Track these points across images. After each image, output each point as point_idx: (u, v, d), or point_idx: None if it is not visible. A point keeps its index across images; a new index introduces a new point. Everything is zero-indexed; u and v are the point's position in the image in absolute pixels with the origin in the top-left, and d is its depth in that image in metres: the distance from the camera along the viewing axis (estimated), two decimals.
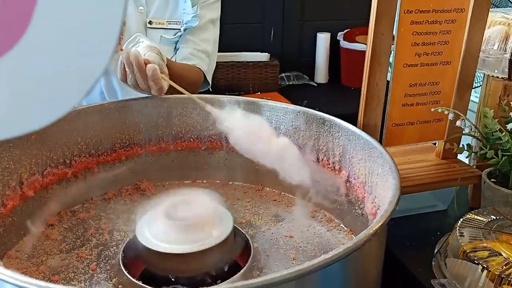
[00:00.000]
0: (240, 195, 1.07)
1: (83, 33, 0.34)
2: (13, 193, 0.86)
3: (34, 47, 0.35)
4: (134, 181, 1.08)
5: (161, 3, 1.30)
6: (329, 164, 0.97)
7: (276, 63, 2.55)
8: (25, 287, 0.50)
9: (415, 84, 0.90)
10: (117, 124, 1.03)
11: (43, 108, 0.38)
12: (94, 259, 0.85)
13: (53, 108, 0.38)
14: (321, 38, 2.73)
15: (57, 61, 0.36)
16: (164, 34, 1.27)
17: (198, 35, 1.29)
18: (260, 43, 2.71)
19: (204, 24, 1.31)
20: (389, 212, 0.61)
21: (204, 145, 1.10)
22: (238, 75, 2.46)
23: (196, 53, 1.28)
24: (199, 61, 1.28)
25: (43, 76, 0.37)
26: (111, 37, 0.34)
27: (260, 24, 2.73)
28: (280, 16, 2.73)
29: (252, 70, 2.49)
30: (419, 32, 0.87)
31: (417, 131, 0.94)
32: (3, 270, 0.51)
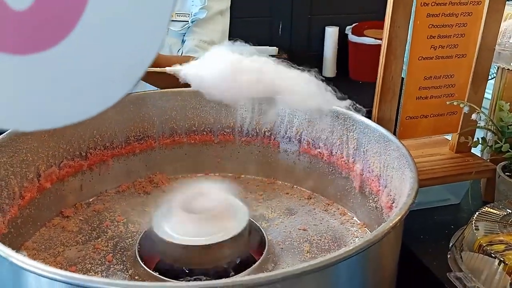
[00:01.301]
0: (252, 188, 1.07)
1: (134, 23, 0.35)
2: (30, 185, 0.87)
3: (86, 38, 0.35)
4: (147, 174, 1.09)
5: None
6: (343, 157, 0.97)
7: (285, 57, 2.54)
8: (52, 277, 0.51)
9: (430, 77, 0.90)
10: (131, 117, 1.03)
11: (94, 98, 0.39)
12: (110, 251, 0.86)
13: (104, 98, 0.38)
14: (330, 32, 2.72)
15: (109, 51, 0.36)
16: (171, 26, 1.26)
17: (205, 27, 1.29)
18: (268, 37, 2.71)
19: (212, 15, 1.31)
20: (408, 205, 0.61)
21: (217, 138, 1.10)
22: None
23: (201, 44, 1.27)
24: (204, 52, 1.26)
25: (94, 65, 0.37)
26: (160, 26, 0.34)
27: (268, 18, 2.73)
28: (288, 10, 2.73)
29: None
30: (435, 25, 0.87)
31: (431, 124, 0.94)
32: (29, 261, 0.52)
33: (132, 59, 0.36)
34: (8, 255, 0.54)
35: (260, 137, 1.09)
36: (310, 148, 1.03)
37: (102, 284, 0.50)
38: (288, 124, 1.05)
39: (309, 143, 1.03)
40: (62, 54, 0.36)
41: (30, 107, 0.40)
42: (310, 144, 1.03)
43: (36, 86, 0.39)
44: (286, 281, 0.53)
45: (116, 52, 0.36)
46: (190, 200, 0.83)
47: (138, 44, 0.36)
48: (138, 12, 0.35)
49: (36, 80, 0.39)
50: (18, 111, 0.40)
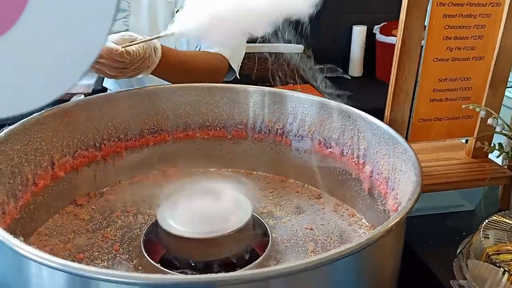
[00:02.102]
0: (263, 185, 1.08)
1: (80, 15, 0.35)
2: (44, 173, 0.89)
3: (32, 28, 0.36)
4: (161, 167, 1.10)
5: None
6: (353, 158, 0.96)
7: (309, 55, 2.52)
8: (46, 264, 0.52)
9: (445, 79, 0.88)
10: (146, 110, 1.05)
11: (41, 89, 0.40)
12: (118, 240, 0.88)
13: (50, 89, 0.39)
14: (357, 31, 2.69)
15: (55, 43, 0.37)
16: None
17: None
18: (295, 34, 2.70)
19: None
20: (406, 209, 0.60)
21: (230, 134, 1.11)
22: (270, 66, 2.46)
23: None
24: (222, 48, 1.26)
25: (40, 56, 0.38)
26: (107, 19, 0.35)
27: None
28: (316, 7, 2.70)
29: (285, 61, 2.47)
30: (451, 26, 0.85)
31: (445, 128, 0.92)
32: (24, 246, 0.54)
33: (77, 53, 0.37)
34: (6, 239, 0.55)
35: (273, 135, 1.09)
36: (321, 147, 1.03)
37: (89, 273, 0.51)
38: (301, 123, 1.04)
39: (321, 142, 1.02)
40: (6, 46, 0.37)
41: None
42: (322, 144, 1.02)
43: None
44: (278, 278, 0.54)
45: (61, 45, 0.37)
46: (195, 193, 0.84)
47: (83, 37, 0.37)
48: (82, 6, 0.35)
49: None
50: None
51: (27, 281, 0.58)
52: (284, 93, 1.05)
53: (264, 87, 1.08)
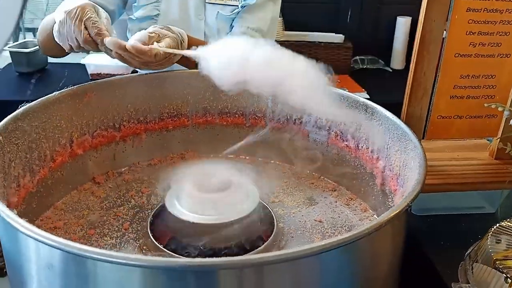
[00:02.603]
0: (278, 174, 1.07)
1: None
2: (62, 150, 0.93)
3: None
4: (180, 150, 1.12)
5: None
6: (368, 152, 0.94)
7: (349, 46, 2.48)
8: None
9: (467, 75, 0.84)
10: (166, 94, 1.07)
11: None
12: (128, 219, 0.90)
13: None
14: (401, 22, 2.61)
15: None
16: (221, 10, 1.27)
17: (254, 13, 1.27)
18: (335, 24, 2.65)
19: (263, 1, 1.29)
20: (399, 208, 0.58)
21: (248, 121, 1.11)
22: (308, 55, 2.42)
23: (249, 31, 1.25)
24: None
25: None
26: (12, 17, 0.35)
27: (337, 4, 2.66)
28: None
29: (324, 51, 2.44)
30: (475, 21, 0.81)
31: (466, 126, 0.89)
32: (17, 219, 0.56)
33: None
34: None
35: (291, 124, 1.08)
36: (338, 140, 1.01)
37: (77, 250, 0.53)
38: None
39: (337, 134, 1.01)
40: None
41: None
42: (338, 136, 1.01)
43: None
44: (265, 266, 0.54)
45: None
46: (204, 179, 0.85)
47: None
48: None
49: None
50: None
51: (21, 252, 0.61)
52: None
53: None
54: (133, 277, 0.57)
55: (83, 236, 0.85)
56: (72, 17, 0.92)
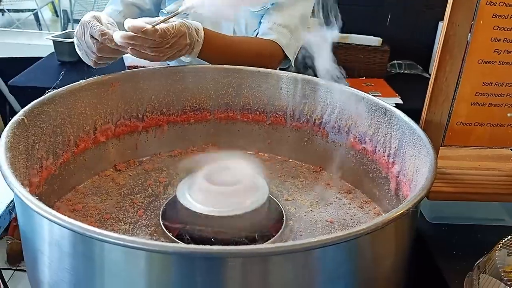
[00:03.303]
0: (296, 173, 1.08)
1: None
2: (86, 136, 0.97)
3: None
4: (200, 144, 1.14)
5: None
6: (384, 156, 0.93)
7: (386, 49, 2.45)
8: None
9: (490, 83, 0.82)
10: (189, 87, 1.09)
11: None
12: (143, 207, 0.93)
13: None
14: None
15: None
16: (250, 6, 1.27)
17: (283, 10, 1.25)
18: (374, 26, 2.61)
19: None
20: (398, 212, 0.58)
21: (269, 119, 1.12)
22: (344, 57, 2.41)
23: (276, 27, 1.24)
24: (278, 35, 1.23)
25: None
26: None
27: (378, 7, 2.62)
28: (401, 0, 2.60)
29: (359, 53, 2.42)
30: (502, 27, 0.79)
31: (487, 134, 0.86)
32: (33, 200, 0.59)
33: None
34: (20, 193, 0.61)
35: (311, 124, 1.08)
36: (356, 142, 1.01)
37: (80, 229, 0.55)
38: (339, 115, 1.03)
39: (356, 137, 1.00)
40: None
41: None
42: (357, 139, 1.00)
43: None
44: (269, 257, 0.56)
45: None
46: (217, 171, 0.86)
47: None
48: None
49: None
50: None
51: (34, 230, 0.64)
52: (326, 84, 1.03)
53: (298, 74, 1.07)
54: (138, 261, 0.59)
55: (99, 220, 0.89)
56: (79, 36, 0.98)
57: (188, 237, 0.81)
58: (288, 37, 1.23)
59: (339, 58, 2.80)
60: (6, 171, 0.65)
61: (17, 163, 0.74)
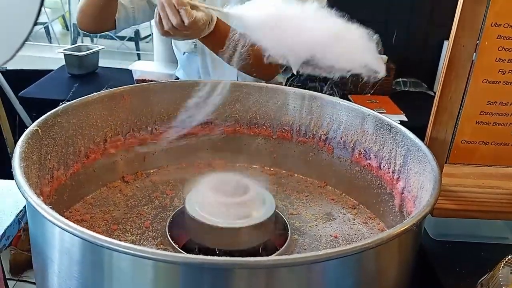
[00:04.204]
0: (301, 188, 1.09)
1: None
2: (96, 147, 0.99)
3: None
4: (207, 157, 1.16)
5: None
6: (389, 173, 0.94)
7: (391, 67, 2.47)
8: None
9: (495, 102, 0.84)
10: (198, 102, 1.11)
11: None
12: (150, 218, 0.94)
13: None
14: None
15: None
16: None
17: None
18: (380, 44, 2.63)
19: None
20: (401, 228, 0.59)
21: (275, 134, 1.13)
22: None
23: None
24: None
25: None
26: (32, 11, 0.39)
27: (383, 24, 2.65)
28: (406, 18, 2.63)
29: None
30: (506, 48, 0.80)
31: (491, 153, 0.87)
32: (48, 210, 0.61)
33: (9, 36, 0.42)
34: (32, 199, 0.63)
35: (316, 140, 1.10)
36: (361, 158, 1.02)
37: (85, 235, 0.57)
38: (344, 131, 1.04)
39: (361, 153, 1.02)
40: None
41: None
42: (362, 154, 1.02)
43: None
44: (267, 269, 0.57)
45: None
46: (224, 184, 0.87)
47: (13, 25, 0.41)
48: None
49: None
50: None
51: (45, 237, 0.65)
52: (332, 100, 1.06)
53: (305, 90, 1.09)
54: (146, 271, 0.60)
55: (106, 231, 0.90)
56: None
57: (196, 248, 0.82)
58: None
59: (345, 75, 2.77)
60: (20, 180, 0.67)
61: (30, 173, 0.76)
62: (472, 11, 0.78)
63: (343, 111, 1.04)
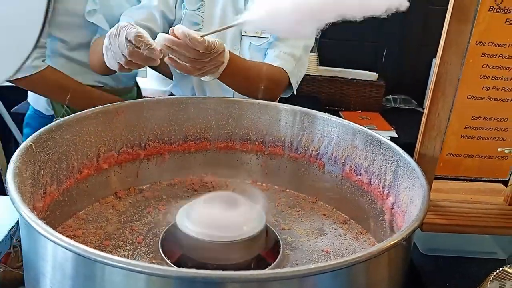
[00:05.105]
0: (292, 203, 1.10)
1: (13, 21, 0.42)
2: (89, 163, 0.99)
3: None
4: (200, 173, 1.17)
5: None
6: (379, 188, 0.96)
7: (382, 84, 2.51)
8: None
9: (479, 117, 0.86)
10: (191, 118, 1.13)
11: None
12: (143, 234, 0.95)
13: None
14: None
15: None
16: (253, 41, 1.32)
17: (288, 41, 1.29)
18: (371, 62, 2.68)
19: None
20: (390, 242, 0.60)
21: (267, 149, 1.15)
22: (340, 90, 2.47)
23: (282, 55, 1.28)
24: (284, 62, 1.27)
25: None
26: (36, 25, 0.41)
27: (375, 43, 2.70)
28: (397, 37, 2.68)
29: (356, 88, 2.48)
30: (490, 66, 0.83)
31: (475, 165, 0.89)
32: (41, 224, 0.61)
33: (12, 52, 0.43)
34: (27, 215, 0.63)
35: (308, 155, 1.11)
36: (352, 173, 1.03)
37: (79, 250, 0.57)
38: (335, 147, 1.06)
39: (352, 168, 1.03)
40: None
41: None
42: (353, 170, 1.03)
43: None
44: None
45: None
46: (215, 199, 0.88)
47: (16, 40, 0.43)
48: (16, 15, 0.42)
49: None
50: None
51: (37, 252, 0.66)
52: (323, 116, 1.07)
53: (296, 107, 1.10)
54: (139, 285, 0.60)
55: (99, 246, 0.90)
56: (114, 36, 0.97)
57: (187, 262, 0.83)
58: (293, 65, 1.27)
59: (335, 91, 2.84)
60: (14, 195, 0.67)
61: (23, 188, 0.76)
62: (458, 30, 0.81)
63: (334, 127, 1.06)
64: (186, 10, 1.29)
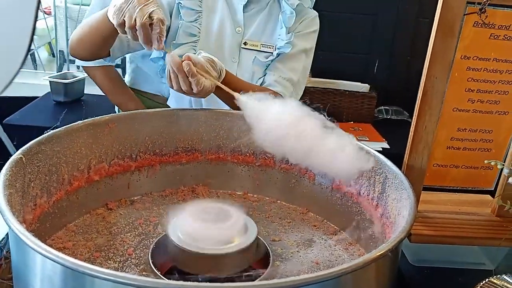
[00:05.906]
0: (283, 214, 1.11)
1: None
2: (80, 175, 0.99)
3: None
4: (191, 184, 1.17)
5: (259, 27, 1.36)
6: (368, 199, 0.97)
7: (373, 95, 2.53)
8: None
9: (465, 129, 0.88)
10: (182, 129, 1.13)
11: None
12: (133, 245, 0.95)
13: None
14: None
15: None
16: (257, 55, 1.33)
17: (287, 64, 1.32)
18: (363, 73, 2.71)
19: (296, 52, 1.34)
20: (377, 253, 0.61)
21: (258, 161, 1.15)
22: (333, 102, 2.49)
23: (281, 80, 1.31)
24: (282, 88, 1.31)
25: None
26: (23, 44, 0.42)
27: (366, 55, 2.73)
28: (388, 49, 2.71)
29: (348, 99, 2.50)
30: (475, 79, 0.85)
31: (461, 176, 0.91)
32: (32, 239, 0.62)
33: None
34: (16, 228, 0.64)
35: (298, 167, 1.12)
36: (341, 185, 1.04)
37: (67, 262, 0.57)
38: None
39: (341, 180, 1.04)
40: None
41: None
42: (342, 182, 1.04)
43: None
44: None
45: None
46: (206, 211, 0.89)
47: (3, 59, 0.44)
48: None
49: None
50: None
51: (27, 264, 0.66)
52: None
53: None
54: None
55: (88, 258, 0.90)
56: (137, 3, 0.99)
57: (177, 274, 0.83)
58: (291, 90, 1.30)
59: (328, 103, 2.86)
60: (4, 208, 0.67)
61: (13, 201, 0.77)
62: (443, 45, 0.83)
63: None
64: (183, 21, 1.31)
